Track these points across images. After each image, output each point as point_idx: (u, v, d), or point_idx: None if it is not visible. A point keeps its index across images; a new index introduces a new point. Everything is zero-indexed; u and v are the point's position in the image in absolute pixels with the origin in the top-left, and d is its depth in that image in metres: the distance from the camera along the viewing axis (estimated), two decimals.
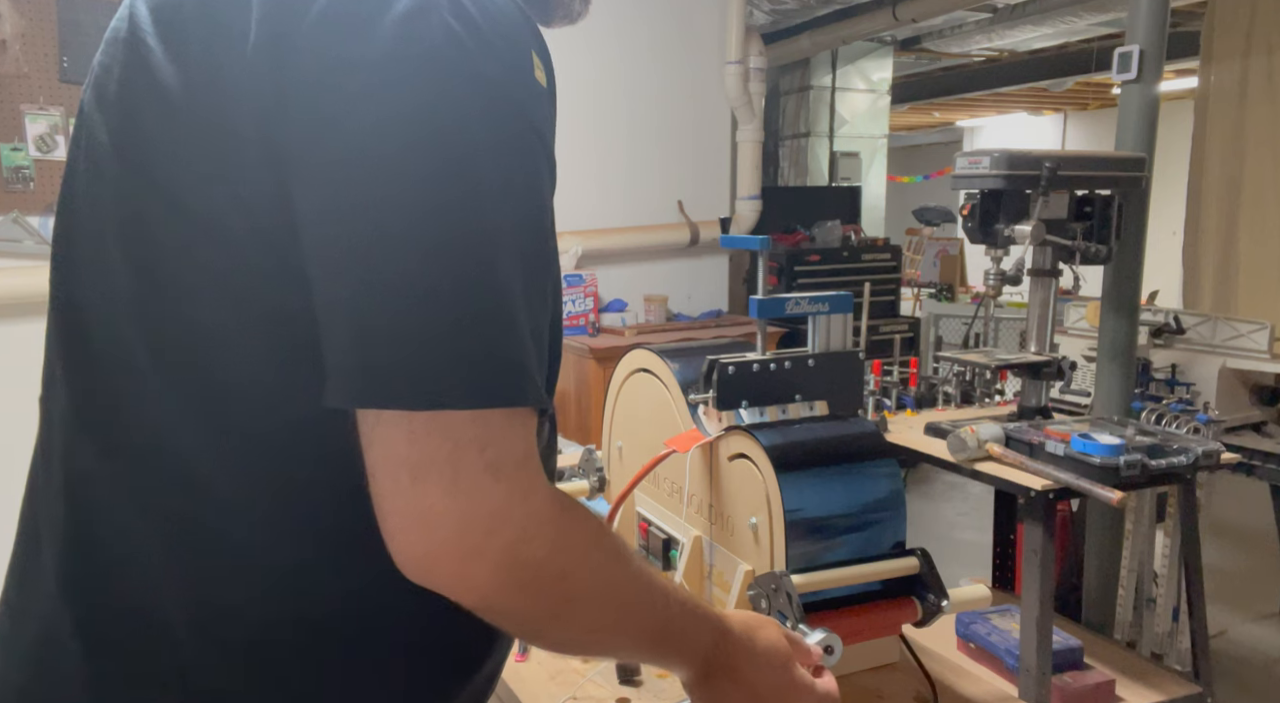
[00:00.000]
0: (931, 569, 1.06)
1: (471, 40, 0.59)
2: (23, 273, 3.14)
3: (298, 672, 0.66)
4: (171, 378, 0.64)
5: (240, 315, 0.62)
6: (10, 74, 3.04)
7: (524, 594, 0.62)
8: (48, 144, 3.12)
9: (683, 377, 1.28)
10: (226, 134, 0.60)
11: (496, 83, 0.60)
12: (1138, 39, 2.37)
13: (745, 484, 1.13)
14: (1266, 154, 4.28)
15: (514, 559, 0.59)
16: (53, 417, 0.74)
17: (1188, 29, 4.74)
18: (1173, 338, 2.84)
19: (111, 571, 0.67)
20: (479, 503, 0.58)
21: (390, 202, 0.57)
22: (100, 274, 0.67)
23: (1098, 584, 2.56)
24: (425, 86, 0.58)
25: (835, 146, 5.77)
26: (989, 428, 1.96)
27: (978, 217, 2.15)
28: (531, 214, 0.62)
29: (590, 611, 0.67)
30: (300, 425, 0.63)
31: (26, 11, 3.04)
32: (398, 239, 0.56)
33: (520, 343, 0.59)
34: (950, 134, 11.38)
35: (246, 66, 0.59)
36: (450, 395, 0.57)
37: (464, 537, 0.58)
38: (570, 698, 1.12)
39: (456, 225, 0.57)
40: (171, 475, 0.65)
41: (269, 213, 0.60)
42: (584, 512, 0.67)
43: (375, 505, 0.59)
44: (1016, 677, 1.90)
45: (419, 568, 0.59)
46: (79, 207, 0.70)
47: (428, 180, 0.57)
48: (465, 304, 0.57)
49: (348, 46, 0.57)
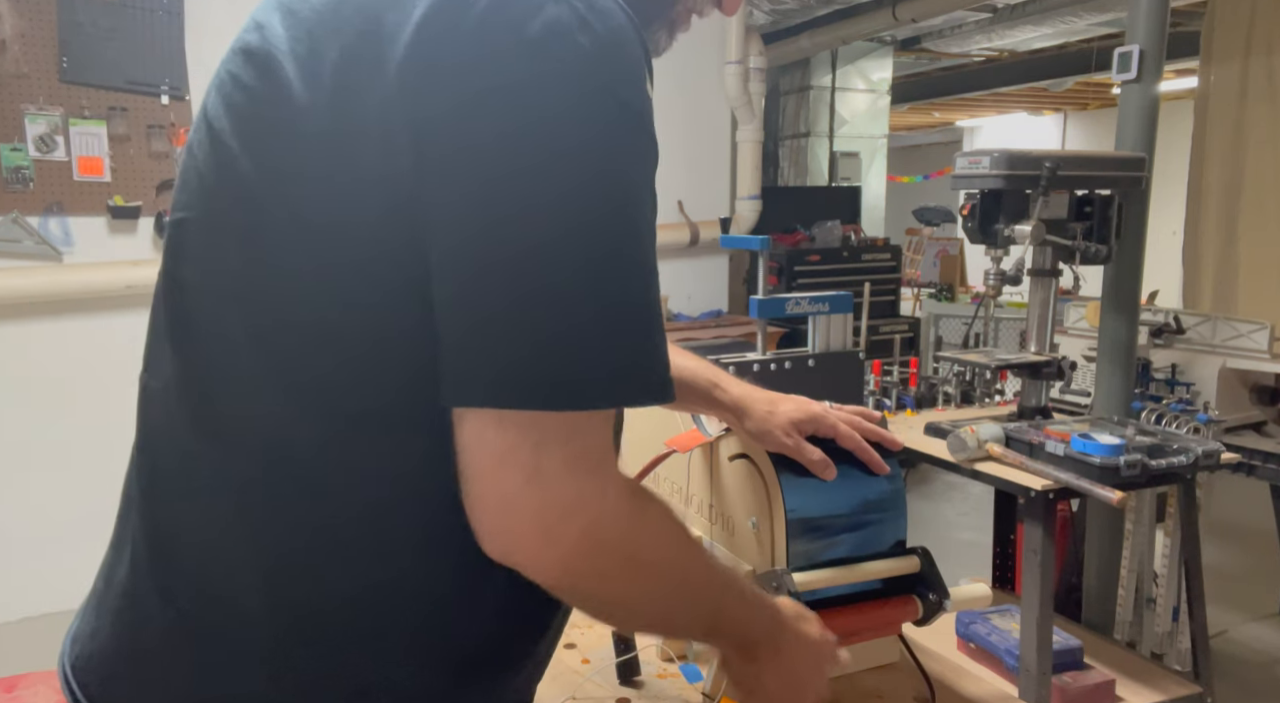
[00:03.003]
0: (932, 568, 1.06)
1: (600, 58, 0.63)
2: (23, 273, 3.14)
3: (371, 655, 0.69)
4: (269, 365, 0.67)
5: (345, 317, 0.65)
6: (10, 74, 3.04)
7: (595, 577, 0.67)
8: (47, 144, 3.12)
9: None
10: (351, 154, 0.63)
11: (624, 100, 0.64)
12: (1138, 39, 2.37)
13: (745, 484, 1.13)
14: (1266, 154, 4.28)
15: (588, 545, 0.64)
16: (152, 393, 0.77)
17: (1188, 29, 4.74)
18: (1173, 338, 2.84)
19: (189, 542, 0.71)
20: (557, 493, 0.62)
21: (524, 219, 0.60)
22: (214, 259, 0.70)
23: (1098, 584, 2.56)
24: (559, 105, 0.61)
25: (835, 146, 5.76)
26: (989, 428, 1.96)
27: (978, 217, 2.15)
28: (649, 225, 0.66)
29: (656, 593, 0.72)
30: (391, 420, 0.66)
31: (26, 11, 3.04)
32: (529, 252, 0.60)
33: (618, 347, 0.63)
34: (950, 134, 11.38)
35: (380, 95, 0.62)
36: (541, 396, 0.61)
37: (541, 523, 0.62)
38: (570, 698, 1.12)
39: (589, 241, 0.61)
40: (270, 460, 0.68)
41: (391, 231, 0.63)
42: (654, 500, 0.72)
43: (462, 485, 0.63)
44: (1016, 677, 1.90)
45: (498, 547, 0.64)
46: (196, 204, 0.72)
47: (564, 198, 0.61)
48: (581, 312, 0.61)
49: (485, 75, 0.61)
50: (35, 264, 3.17)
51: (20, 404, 3.17)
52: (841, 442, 1.08)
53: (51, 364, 3.20)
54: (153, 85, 3.26)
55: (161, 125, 3.28)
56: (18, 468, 3.18)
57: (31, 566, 3.14)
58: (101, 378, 3.14)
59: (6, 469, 3.17)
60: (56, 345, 3.21)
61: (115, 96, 3.20)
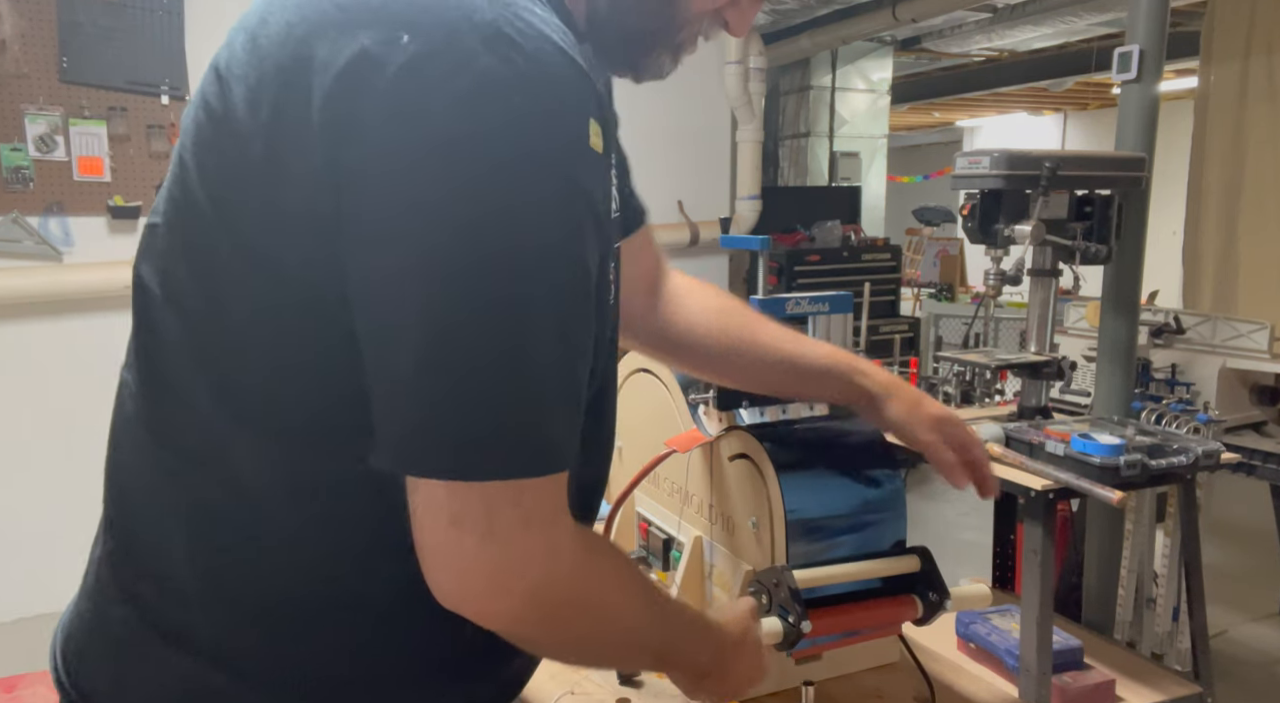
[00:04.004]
0: (932, 567, 1.06)
1: (533, 120, 0.60)
2: (23, 273, 3.14)
3: (304, 641, 0.72)
4: (203, 369, 0.69)
5: (279, 334, 0.67)
6: (10, 74, 3.04)
7: (543, 626, 0.69)
8: (47, 144, 3.12)
9: (683, 377, 1.28)
10: (283, 187, 0.63)
11: (550, 159, 0.61)
12: (1138, 39, 2.36)
13: (745, 484, 1.13)
14: (1266, 154, 4.28)
15: (538, 599, 0.66)
16: (123, 385, 0.79)
17: (1188, 29, 4.74)
18: (1173, 338, 2.84)
19: (141, 531, 0.74)
20: (510, 552, 0.64)
21: (436, 281, 0.59)
22: (167, 264, 0.72)
23: (1098, 584, 2.56)
24: (482, 170, 0.59)
25: (835, 146, 5.76)
26: (989, 428, 1.96)
27: (978, 217, 2.15)
28: (573, 281, 0.64)
29: (604, 639, 0.75)
30: (323, 432, 0.68)
31: (26, 11, 3.04)
32: (436, 317, 0.59)
33: (550, 415, 0.64)
34: (950, 134, 11.38)
35: (306, 132, 0.61)
36: (484, 468, 0.62)
37: (494, 581, 0.64)
38: (568, 692, 1.12)
39: (493, 309, 0.60)
40: (203, 458, 0.70)
41: (321, 271, 0.63)
42: (607, 552, 0.75)
43: (415, 538, 0.64)
44: (1016, 677, 1.90)
45: (450, 600, 0.65)
46: (161, 210, 0.75)
47: (470, 264, 0.59)
48: (502, 382, 0.61)
49: (407, 130, 0.59)
50: (35, 264, 3.17)
51: (20, 404, 3.17)
52: (972, 459, 1.07)
53: (51, 364, 3.20)
54: (153, 85, 3.25)
55: (161, 125, 3.28)
56: (17, 468, 3.18)
57: (31, 566, 3.13)
58: (101, 378, 3.13)
59: (6, 469, 3.17)
60: (56, 345, 3.21)
61: (115, 96, 3.20)
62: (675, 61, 0.83)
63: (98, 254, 3.25)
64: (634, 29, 0.74)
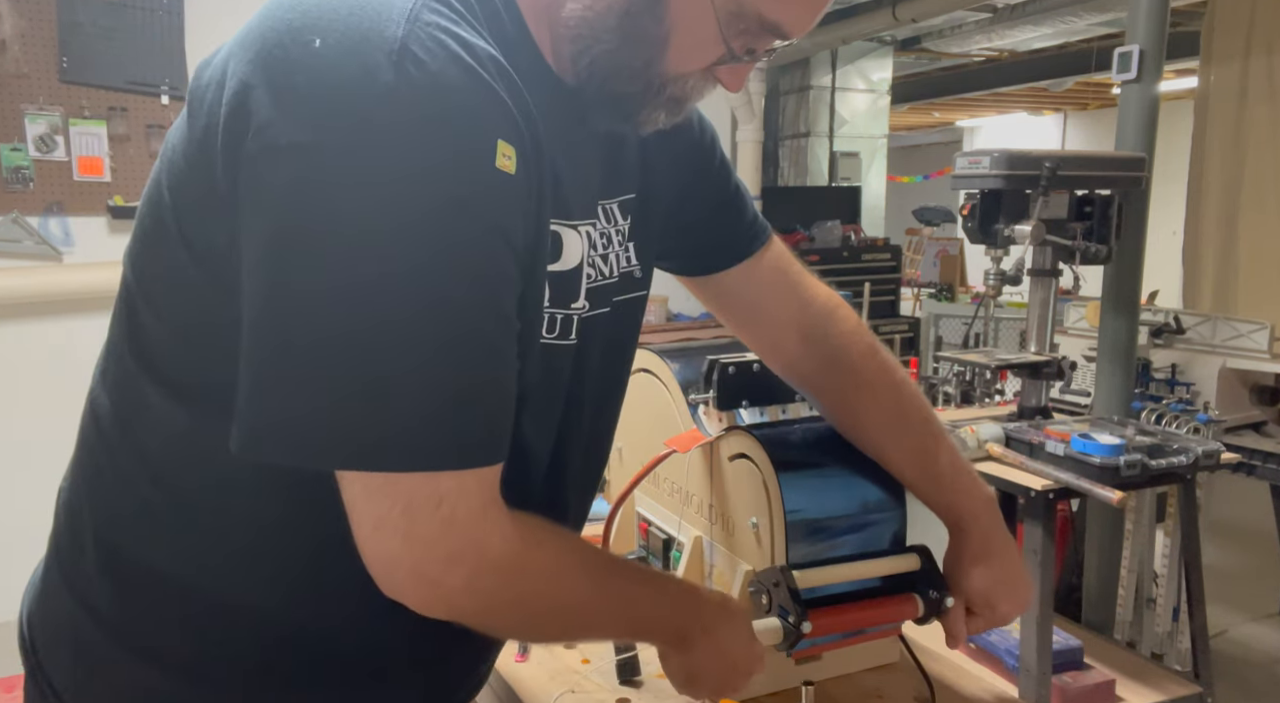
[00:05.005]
0: (933, 566, 1.06)
1: (424, 137, 0.61)
2: (23, 273, 3.14)
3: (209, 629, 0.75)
4: (129, 336, 0.77)
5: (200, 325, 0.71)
6: (10, 74, 3.04)
7: (484, 613, 0.71)
8: (47, 144, 3.12)
9: (683, 377, 1.28)
10: (205, 182, 0.67)
11: (427, 173, 0.62)
12: (1138, 39, 2.37)
13: (745, 484, 1.13)
14: (1266, 154, 4.28)
15: (472, 590, 0.68)
16: None
17: (1188, 29, 4.74)
18: (1173, 338, 2.84)
19: (69, 498, 0.83)
20: (434, 551, 0.65)
21: (294, 272, 0.62)
22: (132, 243, 0.78)
23: (1098, 584, 2.56)
24: (370, 180, 0.61)
25: (835, 146, 5.76)
26: (989, 428, 1.96)
27: (978, 217, 2.15)
28: (468, 301, 0.64)
29: (554, 623, 0.77)
30: None
31: (26, 11, 3.04)
32: (285, 304, 0.62)
33: (468, 410, 0.65)
34: (950, 134, 11.38)
35: (213, 158, 0.66)
36: (390, 458, 0.63)
37: (422, 576, 0.66)
38: (568, 692, 1.12)
39: (372, 313, 0.62)
40: (122, 445, 0.77)
41: (228, 270, 0.67)
42: (547, 538, 0.74)
43: (354, 535, 0.66)
44: (1016, 677, 1.90)
45: (387, 590, 0.67)
46: (143, 214, 0.78)
47: (351, 270, 0.61)
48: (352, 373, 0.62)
49: (298, 134, 0.61)
50: (35, 264, 3.17)
51: (19, 404, 3.17)
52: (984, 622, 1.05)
53: (51, 364, 3.20)
54: (153, 85, 3.25)
55: (161, 125, 3.28)
56: (17, 468, 3.17)
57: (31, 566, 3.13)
58: None
59: (5, 469, 3.17)
60: (56, 345, 3.21)
61: (115, 96, 3.20)
62: (675, 113, 0.81)
63: (98, 254, 3.25)
64: (614, 91, 0.75)
